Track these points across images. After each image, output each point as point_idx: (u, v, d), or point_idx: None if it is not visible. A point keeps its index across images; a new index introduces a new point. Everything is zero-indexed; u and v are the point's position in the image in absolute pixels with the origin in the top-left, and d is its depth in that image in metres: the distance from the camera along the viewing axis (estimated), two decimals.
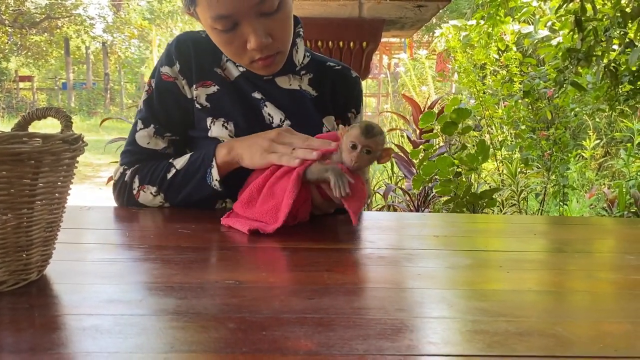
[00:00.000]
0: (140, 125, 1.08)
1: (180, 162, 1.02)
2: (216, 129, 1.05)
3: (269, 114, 1.08)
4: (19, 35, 21.56)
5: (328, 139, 0.94)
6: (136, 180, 1.04)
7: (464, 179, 1.94)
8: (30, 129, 0.68)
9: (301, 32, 1.12)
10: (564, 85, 2.54)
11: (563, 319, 0.54)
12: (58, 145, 0.56)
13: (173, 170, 1.02)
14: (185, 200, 1.02)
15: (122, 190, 1.06)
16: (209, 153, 1.00)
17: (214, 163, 0.98)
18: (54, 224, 0.61)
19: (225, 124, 1.05)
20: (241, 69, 1.09)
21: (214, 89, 1.07)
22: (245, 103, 1.07)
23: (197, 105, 1.07)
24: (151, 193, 1.03)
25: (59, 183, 0.59)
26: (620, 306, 0.61)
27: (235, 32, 0.97)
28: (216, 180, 0.98)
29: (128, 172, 1.06)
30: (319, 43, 1.96)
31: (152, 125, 1.07)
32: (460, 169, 1.93)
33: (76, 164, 0.62)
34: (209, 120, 1.06)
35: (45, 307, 0.54)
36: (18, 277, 0.58)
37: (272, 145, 0.94)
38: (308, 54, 1.16)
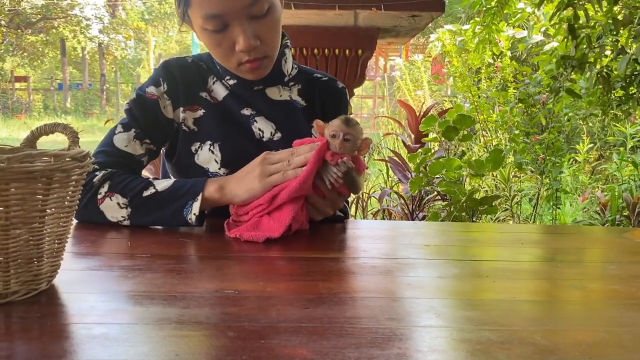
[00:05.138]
0: (120, 129, 1.07)
1: (162, 185, 0.98)
2: (203, 153, 1.08)
3: (259, 129, 1.11)
4: (14, 36, 21.54)
5: (304, 144, 0.96)
6: (105, 186, 0.98)
7: (463, 186, 1.97)
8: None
9: (289, 44, 1.16)
10: (559, 92, 2.58)
11: (543, 328, 0.58)
12: (68, 163, 0.59)
13: (152, 190, 0.98)
14: (151, 223, 0.99)
15: (85, 191, 0.97)
16: (197, 186, 0.97)
17: (199, 197, 0.96)
18: (62, 236, 0.64)
19: (212, 147, 1.08)
20: (231, 82, 1.12)
21: (200, 112, 1.10)
22: (232, 122, 1.11)
23: (185, 128, 1.10)
24: (118, 203, 0.97)
25: (68, 197, 0.62)
26: (597, 315, 0.64)
27: (225, 33, 1.01)
28: (194, 214, 0.95)
29: (98, 174, 0.99)
30: (315, 51, 1.99)
31: (132, 130, 1.07)
32: (465, 173, 1.96)
33: (84, 179, 0.65)
34: (196, 144, 1.09)
35: (55, 315, 0.58)
36: (29, 287, 0.61)
37: (265, 169, 0.93)
38: (295, 66, 1.20)
